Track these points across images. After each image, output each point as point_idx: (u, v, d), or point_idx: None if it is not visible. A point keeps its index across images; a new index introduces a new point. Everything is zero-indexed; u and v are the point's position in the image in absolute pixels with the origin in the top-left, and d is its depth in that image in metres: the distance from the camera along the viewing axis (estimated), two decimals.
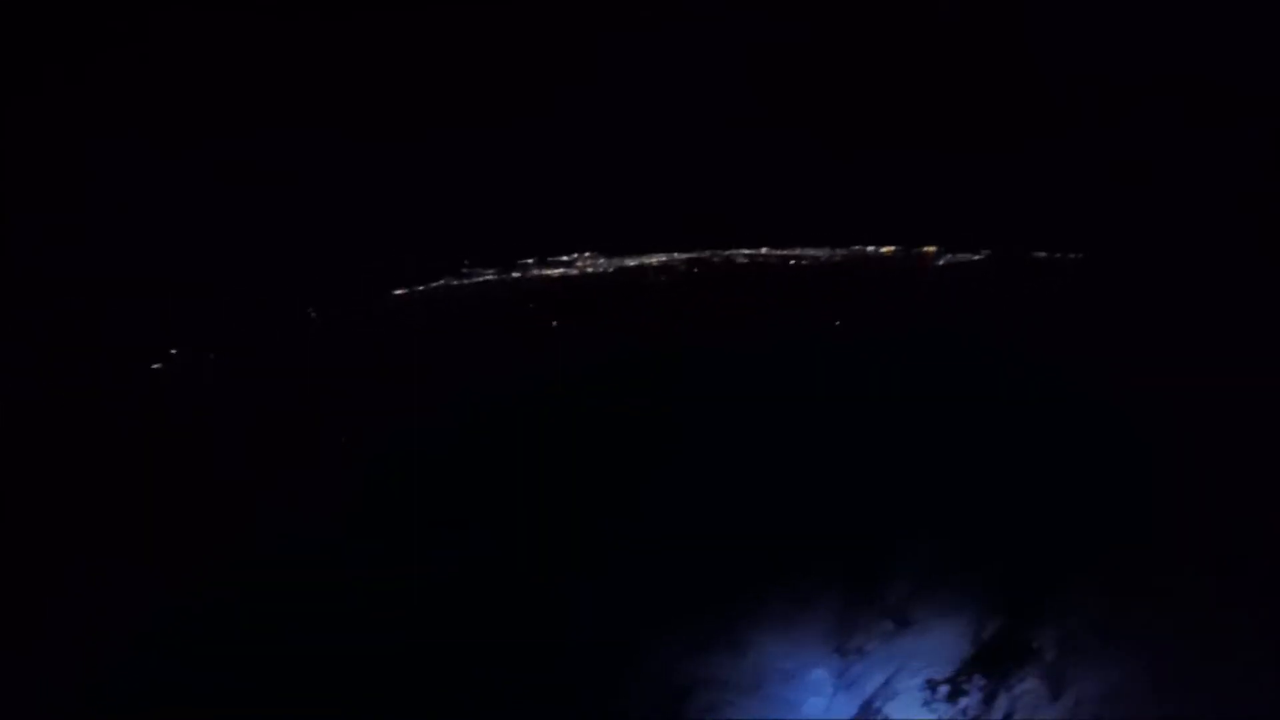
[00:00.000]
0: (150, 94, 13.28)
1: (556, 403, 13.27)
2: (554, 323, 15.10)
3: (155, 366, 13.85)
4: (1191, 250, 13.39)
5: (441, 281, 15.38)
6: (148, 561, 11.24)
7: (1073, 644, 10.52)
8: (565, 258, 15.59)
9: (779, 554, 11.56)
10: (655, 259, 15.70)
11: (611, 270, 15.64)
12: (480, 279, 15.49)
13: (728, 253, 15.75)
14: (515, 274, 15.59)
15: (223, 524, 11.89)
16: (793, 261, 15.62)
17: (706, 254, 15.74)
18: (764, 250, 15.69)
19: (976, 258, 15.31)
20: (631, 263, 15.69)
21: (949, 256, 15.32)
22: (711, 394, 13.44)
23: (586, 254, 15.60)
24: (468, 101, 14.26)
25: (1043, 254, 15.14)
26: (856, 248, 15.51)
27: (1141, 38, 13.32)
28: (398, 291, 15.20)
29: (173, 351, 13.91)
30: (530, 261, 15.60)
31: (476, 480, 12.58)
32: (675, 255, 15.69)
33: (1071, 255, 14.99)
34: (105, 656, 10.36)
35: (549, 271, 15.61)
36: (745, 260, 15.72)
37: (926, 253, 15.30)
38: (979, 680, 10.53)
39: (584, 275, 15.60)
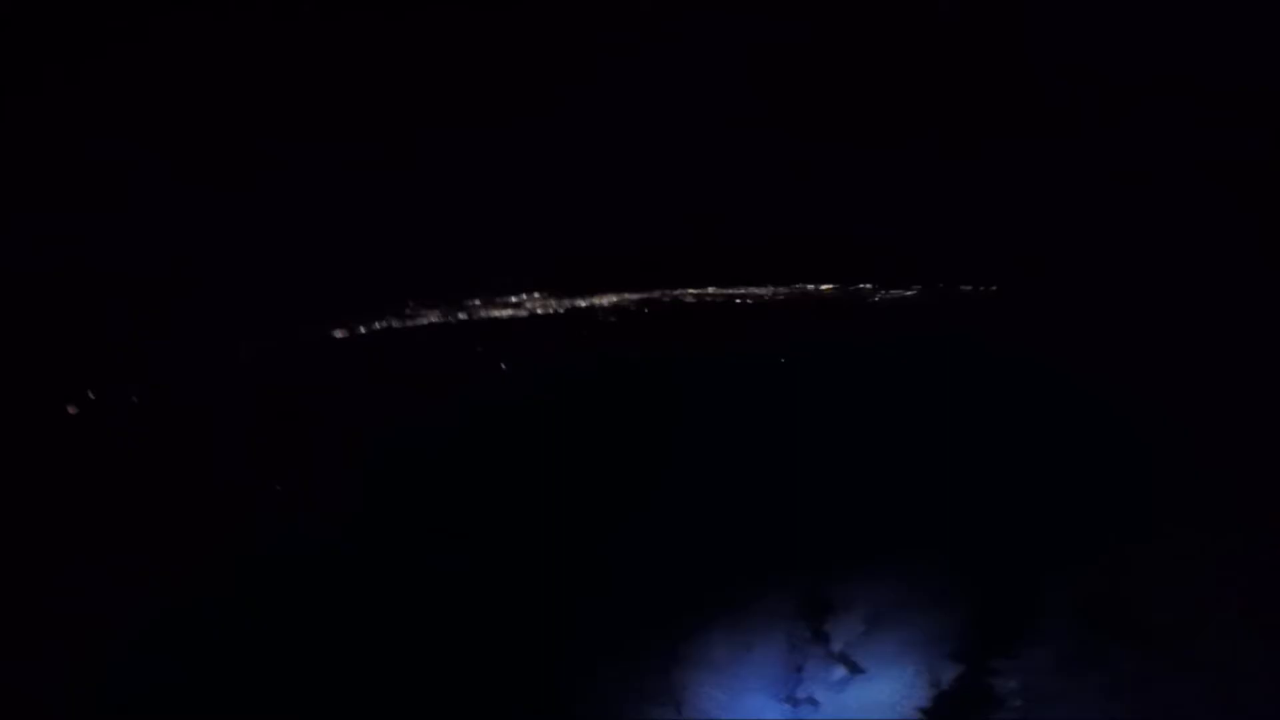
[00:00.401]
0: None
1: (503, 445, 13.21)
2: (502, 365, 14.94)
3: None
4: (1191, 251, 13.39)
5: (384, 324, 15.03)
6: (148, 561, 11.28)
7: (1041, 690, 10.16)
8: (514, 298, 15.34)
9: (723, 591, 11.51)
10: (606, 299, 15.61)
11: (562, 311, 15.48)
12: (424, 320, 15.19)
13: (676, 292, 15.76)
14: (462, 315, 15.30)
15: (227, 517, 11.94)
16: (738, 301, 15.70)
17: (656, 294, 15.72)
18: (710, 290, 15.76)
19: (909, 294, 15.43)
20: (582, 303, 15.57)
21: (884, 294, 15.46)
22: (664, 428, 13.54)
23: (536, 294, 15.40)
24: (415, 132, 14.10)
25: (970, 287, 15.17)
26: (797, 286, 15.62)
27: (1141, 38, 13.29)
28: (337, 334, 14.78)
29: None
30: (477, 303, 15.31)
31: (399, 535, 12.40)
32: (626, 295, 15.64)
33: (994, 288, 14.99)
34: (105, 656, 10.41)
35: (497, 313, 15.35)
36: (693, 300, 15.78)
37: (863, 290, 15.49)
38: None
39: (533, 316, 15.41)
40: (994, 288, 15.10)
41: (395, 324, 15.03)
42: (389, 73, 13.88)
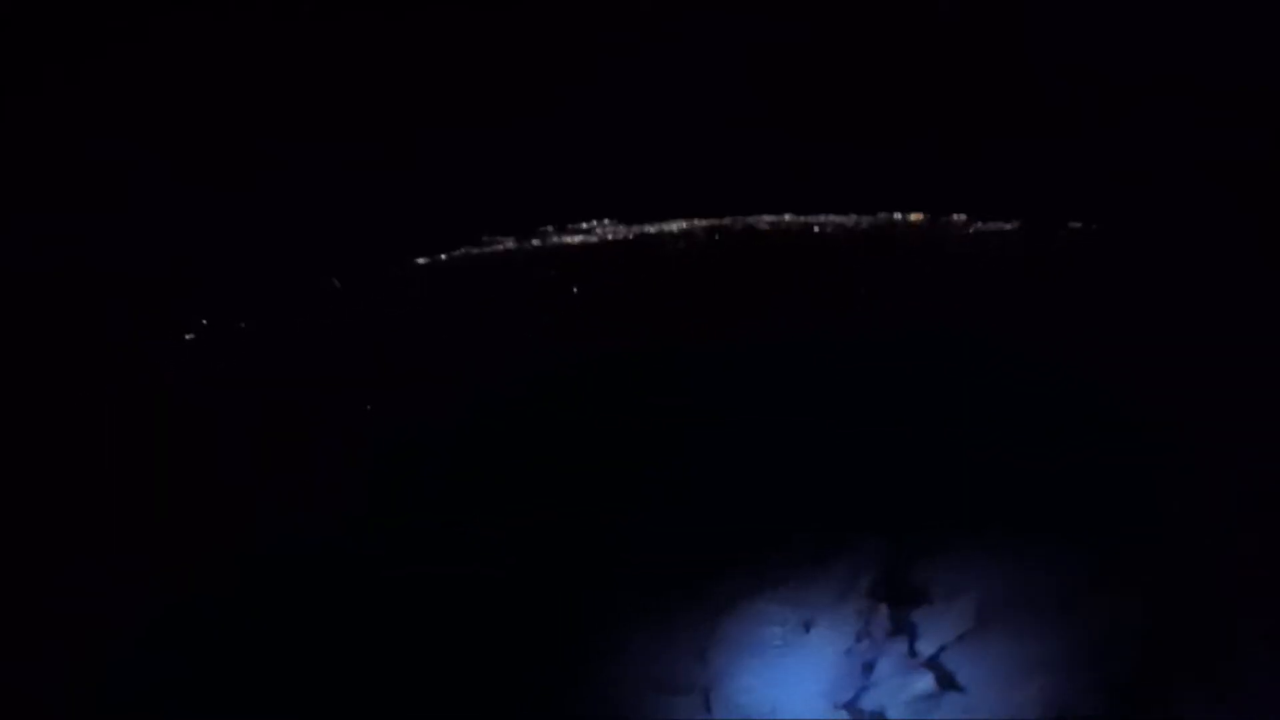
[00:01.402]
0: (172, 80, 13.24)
1: (572, 388, 13.19)
2: (574, 289, 15.05)
3: (188, 336, 13.94)
4: (1191, 251, 13.38)
5: (461, 250, 15.43)
6: (148, 561, 11.27)
7: None
8: (584, 225, 15.52)
9: (781, 554, 9.97)
10: (675, 225, 15.57)
11: (631, 237, 15.56)
12: (500, 247, 15.51)
13: (749, 219, 15.51)
14: (535, 241, 15.56)
15: (227, 517, 11.93)
16: (816, 229, 15.33)
17: (727, 221, 15.52)
18: (786, 217, 15.41)
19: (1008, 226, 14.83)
20: (651, 229, 15.58)
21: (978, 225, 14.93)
22: (726, 385, 12.98)
23: (605, 221, 15.53)
24: (488, 81, 14.27)
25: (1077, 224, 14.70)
26: (883, 214, 15.15)
27: (1141, 38, 13.30)
28: (420, 260, 15.29)
29: (191, 334, 13.88)
30: (550, 229, 15.54)
31: (488, 466, 12.50)
32: (696, 222, 15.54)
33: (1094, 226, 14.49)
34: (105, 656, 10.40)
35: (568, 239, 15.54)
36: (767, 227, 15.45)
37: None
38: None
39: (603, 242, 15.53)
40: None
41: (473, 250, 15.50)
42: (389, 73, 13.89)
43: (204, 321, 14.07)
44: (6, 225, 12.78)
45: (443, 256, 15.53)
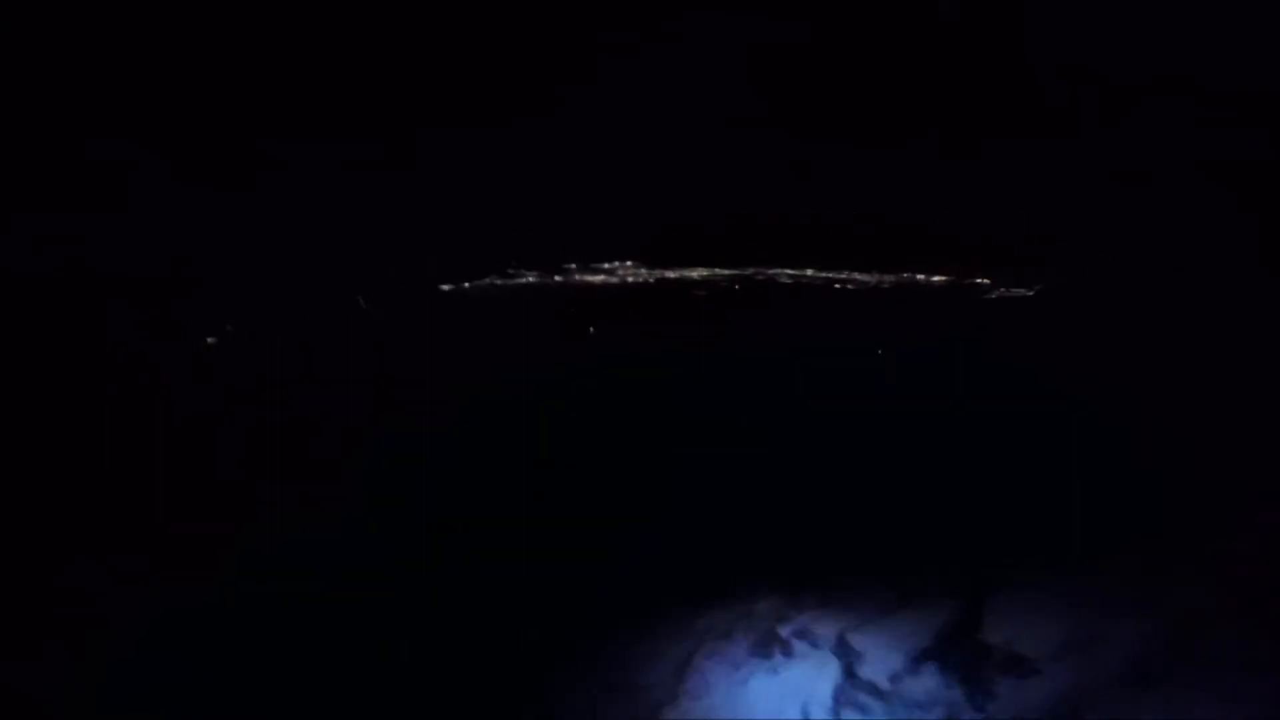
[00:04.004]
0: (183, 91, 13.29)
1: (580, 404, 13.44)
2: (591, 328, 15.20)
3: (210, 340, 14.09)
4: (1191, 251, 13.39)
5: (487, 280, 15.57)
6: (148, 561, 11.28)
7: None
8: (607, 265, 15.61)
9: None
10: (696, 272, 15.68)
11: (652, 280, 15.65)
12: (523, 280, 15.64)
13: (772, 271, 15.62)
14: (558, 277, 15.66)
15: (227, 517, 11.94)
16: (838, 285, 15.44)
17: (750, 271, 15.64)
18: (809, 272, 15.54)
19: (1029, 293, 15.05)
20: (672, 274, 15.67)
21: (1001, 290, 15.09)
22: (737, 409, 13.38)
23: (629, 263, 15.61)
24: (415, 132, 14.29)
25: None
26: (906, 275, 15.33)
27: (1141, 38, 13.29)
28: (445, 287, 15.49)
29: (221, 332, 13.96)
30: (573, 266, 15.63)
31: (487, 472, 12.68)
32: (718, 270, 15.64)
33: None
34: (105, 656, 10.40)
35: (590, 278, 15.63)
36: (789, 281, 15.55)
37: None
38: None
39: (624, 284, 15.62)
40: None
41: (497, 281, 15.66)
42: (389, 73, 13.88)
43: (205, 322, 14.09)
44: (6, 225, 12.77)
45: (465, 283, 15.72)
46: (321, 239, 14.25)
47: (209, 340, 14.01)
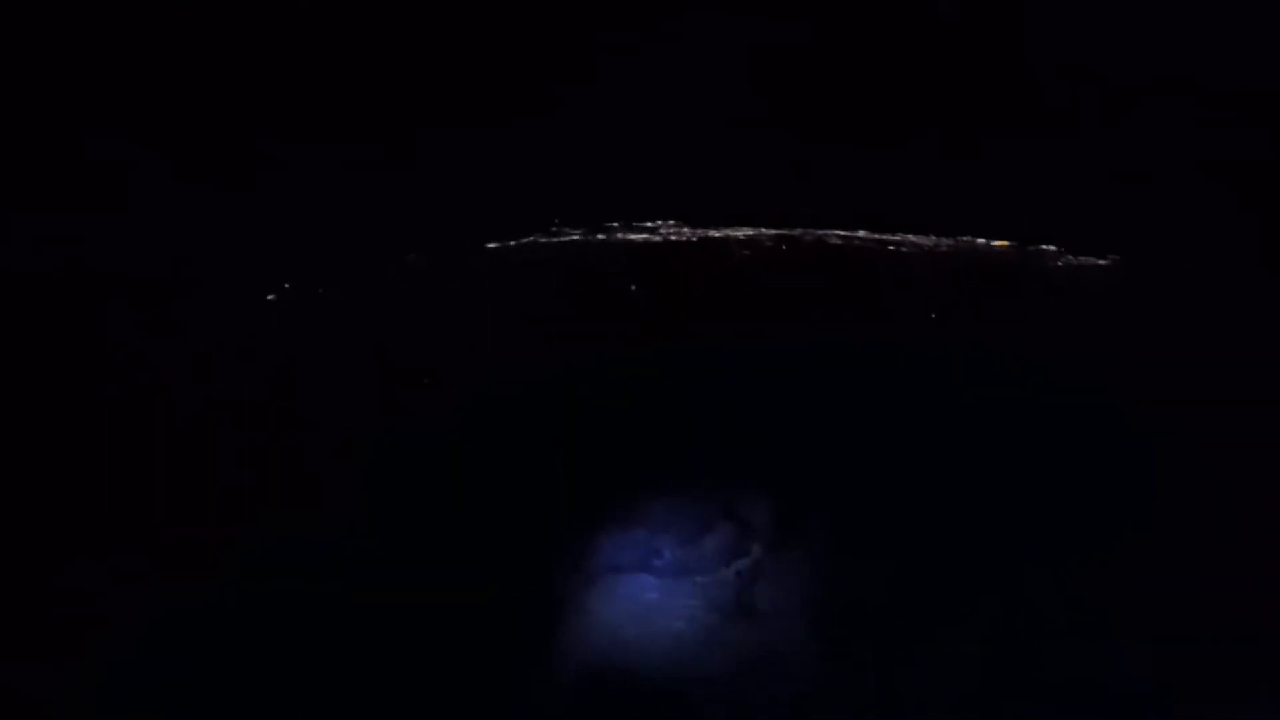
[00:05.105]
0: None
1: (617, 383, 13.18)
2: (633, 286, 14.97)
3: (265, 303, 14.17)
4: (1190, 251, 13.39)
5: (531, 238, 15.36)
6: (148, 560, 11.27)
7: None
8: (649, 223, 15.33)
9: None
10: (741, 232, 15.21)
11: (695, 239, 15.28)
12: (567, 238, 15.40)
13: (820, 232, 15.03)
14: (600, 236, 15.42)
15: (227, 517, 11.93)
16: (891, 248, 14.86)
17: (797, 232, 15.07)
18: (861, 233, 15.00)
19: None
20: (716, 234, 15.26)
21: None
22: (774, 391, 12.93)
23: (671, 221, 15.29)
24: (415, 132, 14.23)
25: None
26: (965, 239, 14.78)
27: (1141, 38, 13.31)
28: (491, 244, 15.31)
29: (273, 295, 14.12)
30: (616, 225, 15.40)
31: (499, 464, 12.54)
32: (763, 230, 15.13)
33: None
34: (105, 656, 10.40)
35: (633, 236, 15.36)
36: (839, 242, 14.96)
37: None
38: None
39: (666, 242, 15.30)
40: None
41: (541, 239, 15.40)
42: (389, 73, 13.89)
43: (206, 323, 14.08)
44: (6, 225, 12.78)
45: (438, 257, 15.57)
46: (321, 239, 14.26)
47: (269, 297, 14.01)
